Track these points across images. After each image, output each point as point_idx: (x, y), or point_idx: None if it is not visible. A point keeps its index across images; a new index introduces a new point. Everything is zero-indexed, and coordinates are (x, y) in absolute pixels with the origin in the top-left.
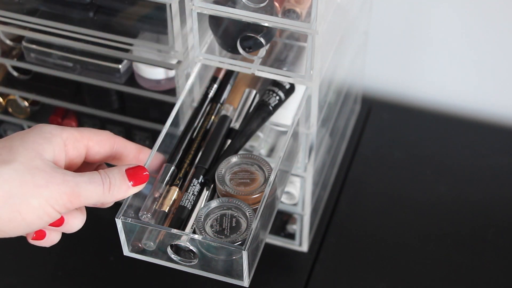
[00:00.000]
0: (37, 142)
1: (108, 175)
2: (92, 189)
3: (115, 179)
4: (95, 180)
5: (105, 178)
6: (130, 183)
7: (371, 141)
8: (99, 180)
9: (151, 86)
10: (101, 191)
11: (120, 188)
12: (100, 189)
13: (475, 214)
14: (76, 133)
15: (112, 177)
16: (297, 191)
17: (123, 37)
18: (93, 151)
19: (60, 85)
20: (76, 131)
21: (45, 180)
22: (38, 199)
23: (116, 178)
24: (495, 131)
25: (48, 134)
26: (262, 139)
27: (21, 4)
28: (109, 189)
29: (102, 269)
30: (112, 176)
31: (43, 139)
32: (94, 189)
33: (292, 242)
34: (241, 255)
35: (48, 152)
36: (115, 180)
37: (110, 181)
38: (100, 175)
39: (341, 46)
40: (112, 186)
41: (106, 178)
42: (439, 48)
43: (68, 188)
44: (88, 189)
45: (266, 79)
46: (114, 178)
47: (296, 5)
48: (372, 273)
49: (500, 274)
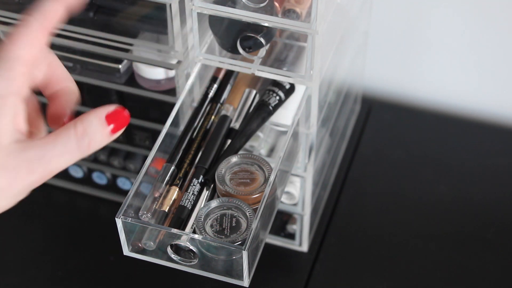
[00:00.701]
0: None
1: (88, 132)
2: (68, 159)
3: (95, 134)
4: (69, 149)
5: (83, 139)
6: (110, 128)
7: (371, 141)
8: (74, 146)
9: (151, 86)
10: (77, 156)
11: (102, 140)
12: (77, 154)
13: (475, 214)
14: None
15: (91, 133)
16: (297, 191)
17: (123, 37)
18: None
19: None
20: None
21: (8, 179)
22: (4, 200)
23: (97, 131)
24: (495, 131)
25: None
26: (262, 139)
27: (21, 4)
28: (88, 148)
29: (102, 269)
30: (91, 132)
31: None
32: (70, 159)
33: (292, 242)
34: (241, 255)
35: (3, 124)
36: (95, 134)
37: (90, 139)
38: (77, 136)
39: (341, 46)
40: (92, 143)
41: (84, 139)
42: (439, 48)
43: (37, 175)
44: (62, 161)
45: (266, 79)
46: (94, 133)
47: (296, 5)
48: (372, 273)
49: (500, 274)
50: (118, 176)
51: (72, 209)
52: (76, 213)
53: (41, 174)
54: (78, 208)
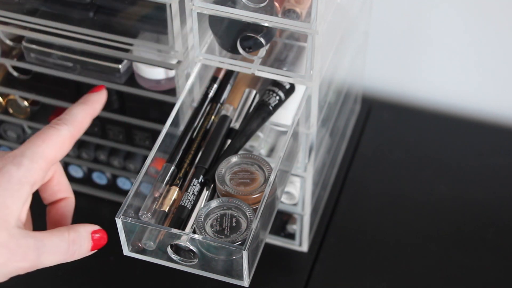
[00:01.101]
0: (3, 195)
1: (77, 241)
2: (55, 259)
3: (83, 245)
4: (60, 251)
5: (73, 246)
6: (91, 245)
7: (371, 141)
8: (64, 250)
9: (151, 86)
10: (63, 259)
11: (84, 253)
12: (63, 258)
13: (475, 214)
14: (44, 174)
15: (80, 244)
16: (297, 191)
17: (123, 37)
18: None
19: (60, 85)
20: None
21: (5, 258)
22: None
23: (84, 244)
24: (495, 131)
25: (16, 185)
26: (262, 139)
27: (21, 4)
28: (73, 255)
29: (102, 269)
30: (80, 242)
31: (10, 191)
32: (57, 259)
33: (292, 242)
34: (241, 255)
35: (14, 207)
36: (82, 246)
37: (78, 248)
38: (68, 243)
39: (341, 46)
40: (77, 253)
41: (74, 246)
42: (439, 48)
43: (28, 263)
44: (51, 259)
45: (266, 79)
46: (82, 244)
47: (296, 5)
48: (372, 273)
49: (500, 274)
50: (118, 176)
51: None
52: (76, 213)
53: (31, 264)
54: (78, 208)
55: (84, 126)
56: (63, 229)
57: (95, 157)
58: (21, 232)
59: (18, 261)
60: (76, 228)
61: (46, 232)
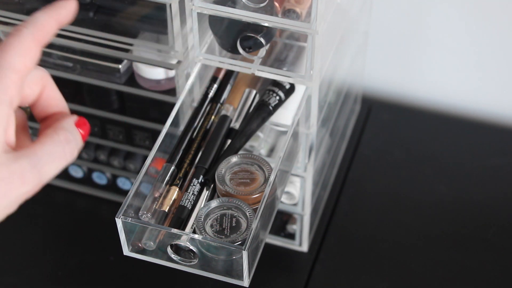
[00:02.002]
0: None
1: (70, 138)
2: (57, 165)
3: (76, 140)
4: (57, 156)
5: (68, 145)
6: (81, 133)
7: (371, 141)
8: (61, 152)
9: (151, 86)
10: (65, 162)
11: (80, 145)
12: (64, 160)
13: (475, 214)
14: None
15: (74, 139)
16: (297, 191)
17: (123, 37)
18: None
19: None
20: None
21: (3, 189)
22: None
23: (75, 138)
24: (495, 131)
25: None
26: (262, 139)
27: (21, 4)
28: (72, 153)
29: (102, 269)
30: (73, 138)
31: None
32: (59, 165)
33: (292, 242)
34: (241, 255)
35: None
36: (76, 140)
37: (74, 144)
38: (62, 143)
39: (341, 46)
40: (75, 149)
41: (69, 144)
42: (439, 48)
43: (30, 185)
44: (53, 168)
45: (266, 79)
46: (75, 139)
47: (296, 5)
48: (372, 273)
49: (500, 274)
50: (118, 176)
51: (72, 209)
52: (76, 213)
53: (34, 183)
54: (78, 208)
55: (48, 29)
56: (49, 133)
57: (95, 157)
58: (11, 157)
59: (18, 188)
60: (60, 125)
61: (36, 143)
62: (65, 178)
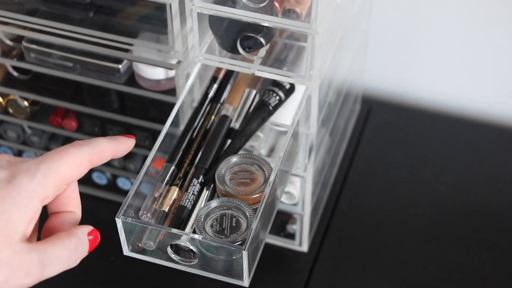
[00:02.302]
0: (10, 210)
1: (79, 247)
2: (60, 268)
3: (83, 251)
4: (63, 260)
5: (75, 253)
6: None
7: (371, 141)
8: (67, 258)
9: (151, 86)
10: (67, 267)
11: (84, 255)
12: (67, 265)
13: (475, 214)
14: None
15: (82, 248)
16: (297, 191)
17: (123, 37)
18: None
19: (60, 85)
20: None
21: (6, 276)
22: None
23: (84, 248)
24: (495, 131)
25: (26, 199)
26: (262, 139)
27: (21, 4)
28: (76, 261)
29: (102, 269)
30: (82, 247)
31: (19, 206)
32: (61, 268)
33: (292, 242)
34: (241, 255)
35: (20, 222)
36: (82, 251)
37: (80, 253)
38: (70, 249)
39: (341, 46)
40: (80, 258)
41: (76, 252)
42: (439, 48)
43: (31, 278)
44: (55, 270)
45: (266, 79)
46: (83, 249)
47: (296, 5)
48: (372, 273)
49: (500, 274)
50: (118, 176)
51: None
52: None
53: (35, 278)
54: None
55: (104, 156)
56: (63, 236)
57: None
58: (24, 247)
59: (20, 278)
60: (75, 232)
61: (48, 241)
62: None
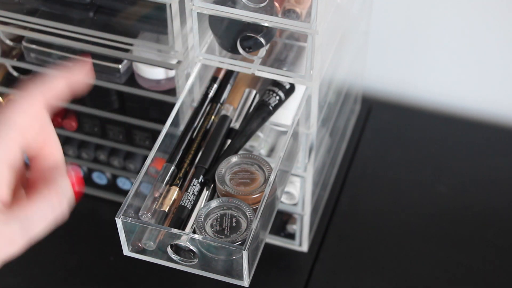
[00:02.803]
0: None
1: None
2: (43, 227)
3: (67, 201)
4: (47, 216)
5: (59, 207)
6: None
7: (371, 141)
8: (51, 213)
9: (151, 86)
10: (50, 223)
11: (69, 206)
12: (50, 222)
13: (475, 214)
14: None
15: (64, 201)
16: (297, 191)
17: (123, 37)
18: None
19: None
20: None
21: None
22: None
23: (67, 198)
24: (495, 131)
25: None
26: (262, 139)
27: (21, 4)
28: (60, 215)
29: (102, 269)
30: (64, 200)
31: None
32: (45, 226)
33: (292, 242)
34: (241, 255)
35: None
36: (66, 203)
37: (64, 206)
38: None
39: (341, 46)
40: (63, 211)
41: (59, 207)
42: (439, 48)
43: (17, 246)
44: (39, 230)
45: (266, 79)
46: (65, 201)
47: (296, 5)
48: (372, 273)
49: (500, 274)
50: (118, 176)
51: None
52: (76, 213)
53: (21, 245)
54: (78, 208)
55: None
56: (43, 190)
57: (95, 157)
58: (3, 219)
59: (5, 249)
60: (55, 182)
61: (28, 202)
62: None
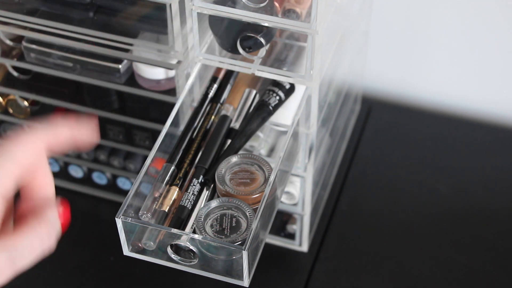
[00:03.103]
0: None
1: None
2: (31, 259)
3: (55, 232)
4: (35, 249)
5: (47, 239)
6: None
7: (371, 141)
8: (39, 245)
9: (151, 86)
10: (38, 255)
11: (56, 237)
12: (38, 254)
13: (475, 214)
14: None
15: (52, 233)
16: (297, 191)
17: (123, 37)
18: None
19: (60, 85)
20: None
21: None
22: None
23: (56, 229)
24: (495, 131)
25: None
26: (262, 139)
27: (21, 4)
28: (48, 246)
29: (102, 269)
30: (52, 232)
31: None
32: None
33: (292, 242)
34: (241, 255)
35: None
36: (54, 234)
37: (52, 238)
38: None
39: (341, 46)
40: (51, 242)
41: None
42: (439, 48)
43: (3, 278)
44: (27, 262)
45: (266, 79)
46: (53, 233)
47: (296, 5)
48: (372, 273)
49: (500, 274)
50: (118, 176)
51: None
52: (76, 213)
53: (7, 277)
54: (78, 208)
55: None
56: (32, 223)
57: (95, 157)
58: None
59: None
60: (45, 217)
61: (17, 233)
62: (65, 178)
